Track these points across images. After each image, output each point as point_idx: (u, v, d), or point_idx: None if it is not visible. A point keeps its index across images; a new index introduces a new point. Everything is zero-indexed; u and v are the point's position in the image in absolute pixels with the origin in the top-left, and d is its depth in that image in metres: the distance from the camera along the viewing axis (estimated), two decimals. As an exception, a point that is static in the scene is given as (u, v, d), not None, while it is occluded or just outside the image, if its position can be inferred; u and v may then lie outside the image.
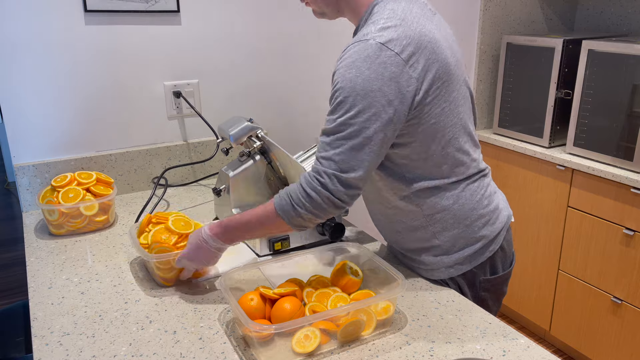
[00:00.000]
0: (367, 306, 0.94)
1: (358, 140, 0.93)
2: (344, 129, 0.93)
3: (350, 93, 0.92)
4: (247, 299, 0.96)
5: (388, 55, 0.91)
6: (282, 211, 0.99)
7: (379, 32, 0.93)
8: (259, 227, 1.03)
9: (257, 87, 1.89)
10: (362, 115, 0.92)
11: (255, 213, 1.03)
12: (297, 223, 0.99)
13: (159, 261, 1.10)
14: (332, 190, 0.95)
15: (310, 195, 0.96)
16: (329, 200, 0.95)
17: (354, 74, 0.91)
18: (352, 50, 0.94)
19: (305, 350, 0.89)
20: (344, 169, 0.94)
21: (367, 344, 0.94)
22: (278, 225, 1.01)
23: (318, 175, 0.96)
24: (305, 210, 0.97)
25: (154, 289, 1.13)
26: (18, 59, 1.49)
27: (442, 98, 0.99)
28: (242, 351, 0.92)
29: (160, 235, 1.13)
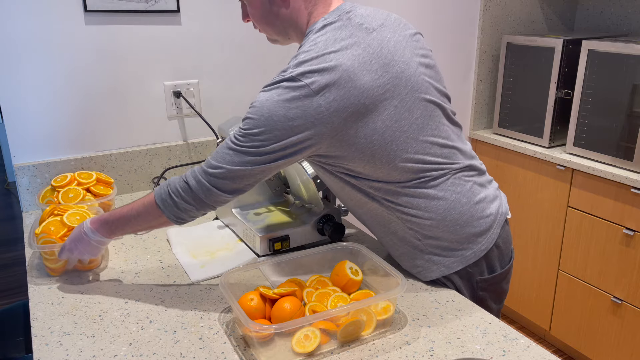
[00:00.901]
0: (367, 306, 0.94)
1: (251, 150, 0.98)
2: (242, 139, 0.98)
3: (258, 112, 0.97)
4: (247, 299, 0.96)
5: (299, 86, 0.95)
6: (161, 200, 1.03)
7: (295, 68, 0.97)
8: (138, 219, 1.07)
9: (257, 87, 1.89)
10: (262, 135, 0.97)
11: (134, 206, 1.07)
12: (174, 213, 1.03)
13: (45, 251, 1.15)
14: (213, 181, 1.00)
15: (188, 183, 1.01)
16: (207, 190, 1.00)
17: (265, 98, 0.97)
18: (273, 80, 0.99)
19: (305, 350, 0.89)
20: (232, 165, 0.99)
21: (367, 344, 0.94)
22: (156, 216, 1.05)
23: (205, 167, 1.01)
24: (181, 200, 1.02)
25: (154, 288, 1.13)
26: (18, 59, 1.49)
27: (369, 121, 0.99)
28: (242, 351, 0.92)
29: (49, 226, 1.19)
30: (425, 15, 2.17)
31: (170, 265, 1.24)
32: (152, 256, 1.28)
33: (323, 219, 1.28)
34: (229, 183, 1.01)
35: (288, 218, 1.33)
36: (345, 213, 1.33)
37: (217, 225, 1.43)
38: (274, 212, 1.38)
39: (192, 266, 1.21)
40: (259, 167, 1.00)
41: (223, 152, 1.01)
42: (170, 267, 1.22)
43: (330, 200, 1.35)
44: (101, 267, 1.23)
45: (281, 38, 1.13)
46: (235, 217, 1.35)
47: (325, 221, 1.27)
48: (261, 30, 1.13)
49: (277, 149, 0.97)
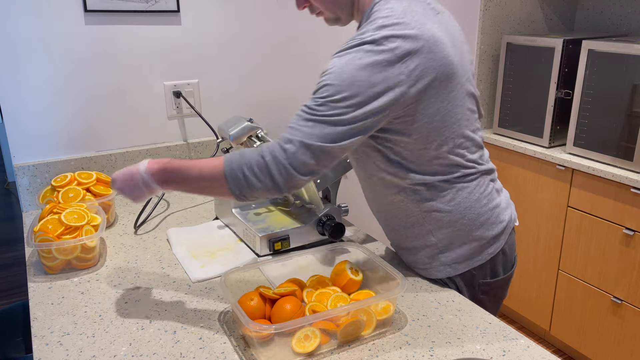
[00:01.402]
0: (367, 306, 0.94)
1: (333, 119, 0.92)
2: (322, 109, 0.92)
3: (338, 78, 0.92)
4: (247, 299, 0.96)
5: (382, 50, 0.91)
6: (230, 170, 0.94)
7: (375, 31, 0.93)
8: (199, 181, 0.97)
9: (257, 87, 1.89)
10: (346, 101, 0.91)
11: (200, 165, 0.97)
12: (238, 187, 0.94)
13: (43, 249, 1.15)
14: (291, 154, 0.92)
15: (265, 158, 0.93)
16: (283, 168, 0.92)
17: (344, 62, 0.92)
18: (348, 45, 0.95)
19: (305, 350, 0.89)
20: (310, 139, 0.92)
21: (367, 344, 0.94)
22: (219, 184, 0.95)
23: (280, 142, 0.93)
24: (253, 176, 0.93)
25: (154, 288, 1.13)
26: (18, 59, 1.49)
27: (438, 98, 0.98)
28: (242, 351, 0.92)
29: (47, 224, 1.18)
30: (425, 15, 2.17)
31: (170, 265, 1.24)
32: (152, 256, 1.28)
33: (323, 219, 1.28)
34: (306, 161, 0.92)
35: (288, 218, 1.33)
36: (345, 213, 1.33)
37: (217, 225, 1.43)
38: (274, 212, 1.38)
39: (192, 266, 1.21)
40: (338, 144, 0.93)
41: (298, 124, 0.93)
42: (170, 267, 1.22)
43: (330, 200, 1.35)
44: (98, 265, 1.23)
45: (345, 15, 1.08)
46: (235, 217, 1.35)
47: (325, 221, 1.27)
48: (324, 9, 1.08)
49: (359, 117, 0.92)
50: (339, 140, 0.93)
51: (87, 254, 1.20)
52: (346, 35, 2.01)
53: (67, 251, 1.17)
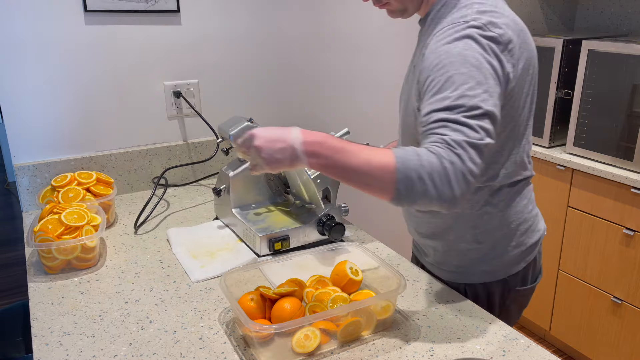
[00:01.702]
0: (367, 306, 0.94)
1: (480, 111, 0.83)
2: (464, 102, 0.83)
3: (457, 55, 0.86)
4: (247, 299, 0.96)
5: (490, 36, 0.88)
6: (404, 168, 0.81)
7: (477, 15, 0.90)
8: (361, 165, 0.83)
9: (257, 87, 1.89)
10: (480, 87, 0.84)
11: (366, 149, 0.85)
12: (408, 191, 0.81)
13: (43, 249, 1.15)
14: (467, 159, 0.81)
15: (445, 166, 0.80)
16: (462, 177, 0.80)
17: (461, 48, 0.87)
18: (449, 30, 0.90)
19: (305, 350, 0.89)
20: (476, 137, 0.82)
21: (367, 344, 0.94)
22: (383, 180, 0.82)
23: (453, 146, 0.81)
24: (431, 182, 0.80)
25: (154, 288, 1.13)
26: (18, 59, 1.49)
27: (525, 90, 0.97)
28: (242, 351, 0.92)
29: (47, 224, 1.18)
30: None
31: (170, 265, 1.24)
32: (152, 256, 1.28)
33: (323, 219, 1.27)
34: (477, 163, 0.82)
35: (288, 218, 1.33)
36: (345, 213, 1.33)
37: (217, 225, 1.43)
38: (274, 212, 1.38)
39: (192, 266, 1.21)
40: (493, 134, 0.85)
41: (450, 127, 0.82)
42: (170, 267, 1.22)
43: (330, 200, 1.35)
44: (98, 265, 1.23)
45: (412, 6, 1.03)
46: (235, 217, 1.35)
47: (325, 221, 1.27)
48: (394, 0, 1.03)
49: (494, 102, 0.86)
50: (492, 130, 0.84)
51: (87, 254, 1.20)
52: (348, 34, 2.01)
53: (67, 251, 1.17)
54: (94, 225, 1.23)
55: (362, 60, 2.08)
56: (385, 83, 2.16)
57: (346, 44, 2.03)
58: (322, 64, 2.00)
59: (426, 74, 0.90)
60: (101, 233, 1.22)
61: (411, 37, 2.15)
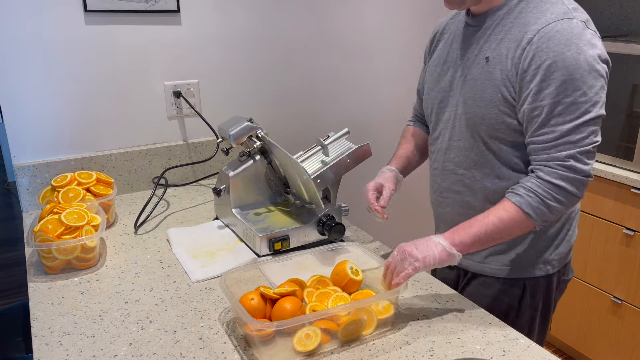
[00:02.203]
0: (368, 305, 0.94)
1: (591, 115, 0.92)
2: (575, 109, 0.91)
3: (576, 71, 0.89)
4: (248, 298, 0.96)
5: (591, 33, 0.91)
6: (532, 209, 0.96)
7: (576, 12, 0.92)
8: (502, 233, 0.98)
9: (257, 87, 1.89)
10: (591, 91, 0.90)
11: (492, 217, 0.98)
12: (545, 218, 0.97)
13: (43, 249, 1.15)
14: (581, 169, 0.95)
15: (559, 185, 0.95)
16: (580, 183, 0.95)
17: (574, 51, 0.90)
18: (559, 27, 0.91)
19: (306, 349, 0.89)
20: (585, 144, 0.93)
21: (367, 344, 0.94)
22: (523, 226, 0.98)
23: (562, 162, 0.94)
24: (556, 203, 0.95)
25: (154, 288, 1.13)
26: (18, 59, 1.49)
27: None
28: (242, 351, 0.92)
29: (47, 224, 1.18)
30: (424, 16, 2.17)
31: (170, 265, 1.24)
32: (152, 256, 1.28)
33: (323, 219, 1.27)
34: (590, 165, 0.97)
35: (288, 218, 1.33)
36: (345, 213, 1.33)
37: (217, 225, 1.43)
38: (274, 212, 1.38)
39: (192, 266, 1.21)
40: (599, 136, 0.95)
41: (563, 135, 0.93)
42: (170, 267, 1.22)
43: (330, 200, 1.35)
44: (98, 265, 1.23)
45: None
46: (235, 217, 1.35)
47: (325, 221, 1.27)
48: None
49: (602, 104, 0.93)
50: (599, 132, 0.94)
51: (87, 254, 1.20)
52: (349, 34, 2.01)
53: (67, 251, 1.17)
54: (94, 225, 1.23)
55: (362, 60, 2.08)
56: (385, 82, 2.16)
57: (346, 43, 2.02)
58: (322, 63, 2.00)
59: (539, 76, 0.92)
60: (101, 233, 1.22)
61: (411, 37, 2.15)
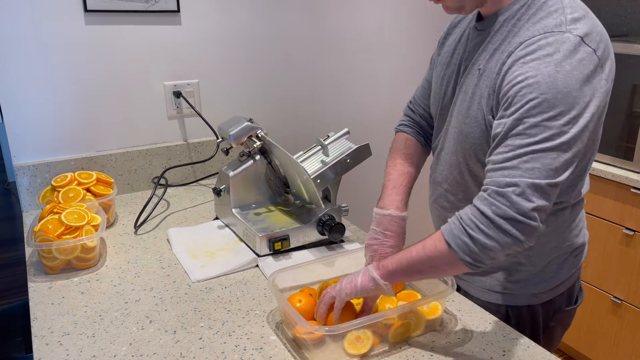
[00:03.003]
0: (417, 307, 0.94)
1: (554, 144, 0.77)
2: (537, 132, 0.77)
3: (549, 90, 0.77)
4: (295, 300, 0.96)
5: (587, 51, 0.79)
6: (451, 237, 0.80)
7: (573, 24, 0.80)
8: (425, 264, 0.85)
9: (257, 87, 1.89)
10: (562, 117, 0.77)
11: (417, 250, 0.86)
12: (469, 254, 0.79)
13: (43, 249, 1.15)
14: (520, 206, 0.76)
15: (484, 213, 0.78)
16: (512, 217, 0.77)
17: (553, 69, 0.77)
18: (545, 42, 0.80)
19: (358, 352, 0.89)
20: (534, 176, 0.77)
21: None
22: (447, 259, 0.82)
23: (499, 188, 0.78)
24: (480, 235, 0.78)
25: (154, 288, 1.13)
26: (18, 59, 1.49)
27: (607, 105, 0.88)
28: (242, 351, 0.92)
29: (47, 224, 1.18)
30: (424, 16, 2.17)
31: (170, 265, 1.24)
32: (152, 256, 1.28)
33: (323, 219, 1.27)
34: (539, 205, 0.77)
35: (288, 218, 1.33)
36: (345, 213, 1.32)
37: (217, 225, 1.43)
38: (274, 212, 1.38)
39: (192, 266, 1.21)
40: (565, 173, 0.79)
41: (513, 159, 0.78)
42: (170, 267, 1.22)
43: (330, 200, 1.35)
44: (98, 265, 1.23)
45: (470, 3, 0.92)
46: (235, 217, 1.35)
47: (325, 221, 1.27)
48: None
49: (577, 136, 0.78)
50: (564, 168, 0.78)
51: (87, 254, 1.20)
52: (349, 34, 2.01)
53: (67, 251, 1.17)
54: (94, 225, 1.23)
55: (362, 60, 2.08)
56: (385, 83, 2.16)
57: (346, 44, 2.02)
58: (322, 63, 2.00)
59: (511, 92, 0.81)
60: (101, 233, 1.22)
61: (411, 37, 2.15)
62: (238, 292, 1.11)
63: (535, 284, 1.03)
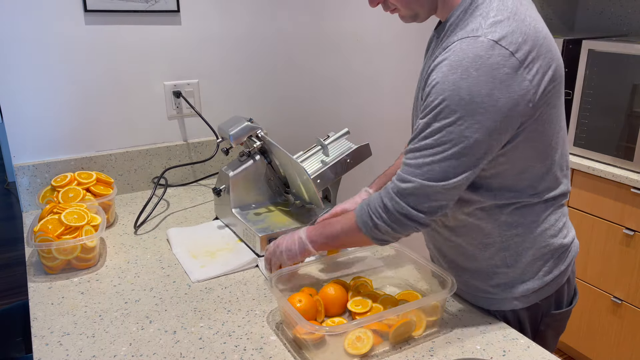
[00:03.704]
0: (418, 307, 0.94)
1: (454, 150, 0.83)
2: (439, 137, 0.83)
3: (452, 97, 0.81)
4: (295, 300, 0.96)
5: (502, 54, 0.80)
6: (361, 222, 0.94)
7: (490, 28, 0.81)
8: (346, 241, 1.00)
9: (257, 87, 1.89)
10: (463, 123, 0.81)
11: (339, 229, 1.00)
12: (375, 236, 0.93)
13: (43, 249, 1.15)
14: (412, 201, 0.87)
15: (386, 205, 0.90)
16: (407, 213, 0.88)
17: (458, 76, 0.80)
18: (458, 47, 0.82)
19: (358, 352, 0.89)
20: (430, 177, 0.85)
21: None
22: (357, 234, 0.96)
23: (400, 182, 0.88)
24: (382, 222, 0.91)
25: (154, 288, 1.13)
26: (18, 59, 1.49)
27: (552, 103, 0.88)
28: (242, 351, 0.92)
29: (47, 224, 1.18)
30: (425, 15, 2.17)
31: (170, 265, 1.24)
32: (152, 256, 1.28)
33: (323, 219, 1.27)
34: (431, 204, 0.86)
35: (288, 218, 1.33)
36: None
37: (217, 225, 1.43)
38: (274, 212, 1.38)
39: (192, 266, 1.21)
40: (462, 176, 0.84)
41: (414, 159, 0.87)
42: (170, 267, 1.22)
43: (330, 200, 1.35)
44: (98, 265, 1.23)
45: (424, 12, 0.95)
46: (235, 217, 1.34)
47: (325, 221, 1.27)
48: (402, 7, 0.95)
49: (480, 141, 0.82)
50: (461, 172, 0.84)
51: (87, 254, 1.20)
52: (349, 34, 2.01)
53: (67, 251, 1.17)
54: (94, 225, 1.23)
55: (362, 60, 2.08)
56: (385, 83, 2.16)
57: (346, 43, 2.02)
58: (322, 63, 2.00)
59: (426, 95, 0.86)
60: (101, 233, 1.22)
61: (411, 37, 2.15)
62: (238, 292, 1.11)
63: (516, 287, 1.01)
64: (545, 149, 0.93)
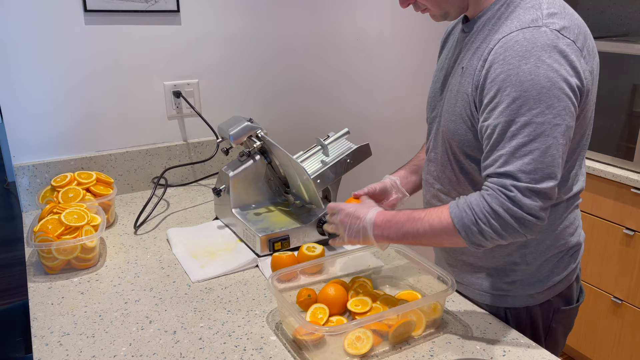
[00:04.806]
0: (418, 308, 0.94)
1: (546, 141, 0.80)
2: (530, 131, 0.80)
3: (532, 87, 0.79)
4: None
5: (567, 43, 0.81)
6: (462, 225, 0.86)
7: (549, 19, 0.82)
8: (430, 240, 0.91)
9: (257, 87, 1.89)
10: (550, 112, 0.79)
11: (424, 229, 0.89)
12: (476, 241, 0.86)
13: (42, 249, 1.15)
14: (527, 205, 0.81)
15: (497, 212, 0.82)
16: (521, 218, 0.82)
17: (533, 64, 0.79)
18: (522, 37, 0.81)
19: (358, 352, 0.89)
20: (537, 178, 0.81)
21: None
22: (455, 241, 0.88)
23: (506, 190, 0.82)
24: (490, 229, 0.83)
25: (154, 288, 1.13)
26: (18, 59, 1.49)
27: (592, 97, 0.90)
28: (242, 351, 0.92)
29: (47, 224, 1.18)
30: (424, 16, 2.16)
31: (170, 265, 1.24)
32: (152, 256, 1.28)
33: (323, 219, 1.27)
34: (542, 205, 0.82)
35: (288, 218, 1.33)
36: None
37: (217, 225, 1.43)
38: (274, 212, 1.38)
39: (192, 266, 1.21)
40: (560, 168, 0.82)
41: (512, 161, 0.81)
42: (170, 267, 1.22)
43: (330, 200, 1.35)
44: (98, 265, 1.22)
45: (454, 10, 0.96)
46: (235, 217, 1.34)
47: (326, 221, 1.27)
48: (432, 6, 0.96)
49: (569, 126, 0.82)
50: (563, 162, 0.82)
51: (87, 254, 1.20)
52: (349, 34, 2.01)
53: (67, 251, 1.17)
54: (93, 225, 1.23)
55: (362, 60, 2.08)
56: (385, 83, 2.16)
57: (346, 43, 2.02)
58: (322, 63, 2.00)
59: (493, 90, 0.84)
60: (101, 233, 1.22)
61: (411, 37, 2.15)
62: (238, 292, 1.11)
63: (531, 284, 1.03)
64: (579, 142, 0.94)
